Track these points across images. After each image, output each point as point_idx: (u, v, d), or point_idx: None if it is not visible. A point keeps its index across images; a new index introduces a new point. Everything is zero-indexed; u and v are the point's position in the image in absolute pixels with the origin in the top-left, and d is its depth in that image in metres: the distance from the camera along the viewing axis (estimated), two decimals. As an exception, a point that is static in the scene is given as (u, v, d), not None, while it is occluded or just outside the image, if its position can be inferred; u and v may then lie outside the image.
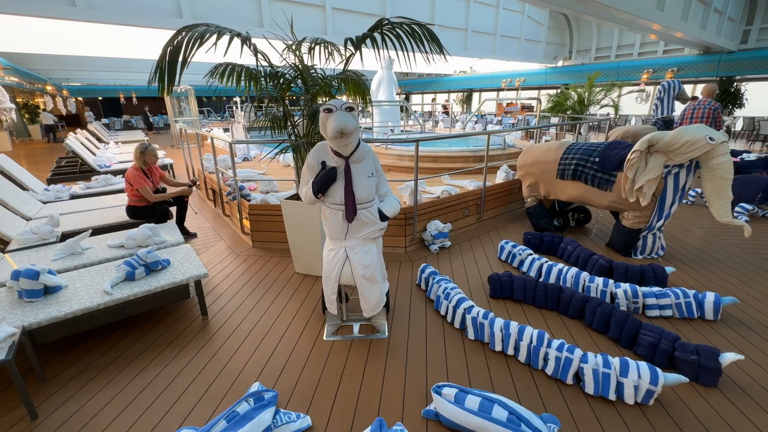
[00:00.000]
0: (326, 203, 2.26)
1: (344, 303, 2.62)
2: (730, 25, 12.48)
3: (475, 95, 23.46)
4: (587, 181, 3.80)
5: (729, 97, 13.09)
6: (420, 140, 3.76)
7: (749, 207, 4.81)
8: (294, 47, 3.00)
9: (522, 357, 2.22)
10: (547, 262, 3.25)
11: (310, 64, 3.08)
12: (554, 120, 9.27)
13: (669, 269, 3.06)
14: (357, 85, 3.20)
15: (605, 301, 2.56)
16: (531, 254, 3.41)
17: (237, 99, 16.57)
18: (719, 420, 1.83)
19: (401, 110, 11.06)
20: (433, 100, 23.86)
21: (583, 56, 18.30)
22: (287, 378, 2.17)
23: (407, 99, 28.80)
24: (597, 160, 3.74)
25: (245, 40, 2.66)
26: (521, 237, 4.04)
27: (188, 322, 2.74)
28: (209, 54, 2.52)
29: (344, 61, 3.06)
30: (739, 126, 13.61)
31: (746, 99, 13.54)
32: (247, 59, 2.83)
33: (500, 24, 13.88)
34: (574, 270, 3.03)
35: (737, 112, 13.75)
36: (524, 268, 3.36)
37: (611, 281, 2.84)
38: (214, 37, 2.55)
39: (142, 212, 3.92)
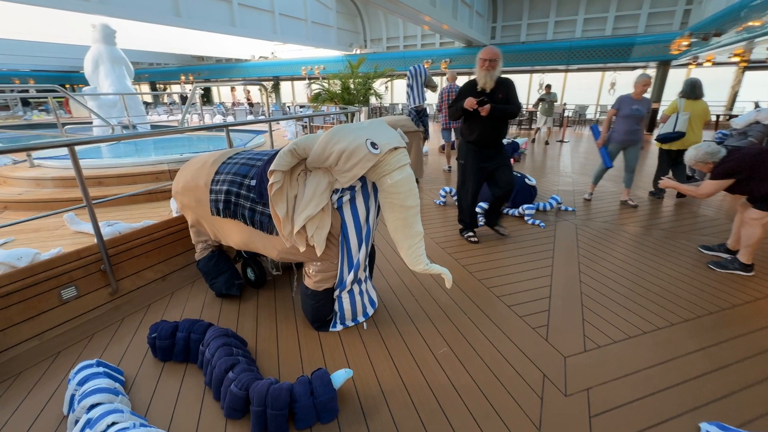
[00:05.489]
0: None
1: None
2: (480, 20, 14.01)
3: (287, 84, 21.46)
4: (246, 220, 2.25)
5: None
6: None
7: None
8: None
9: None
10: (104, 434, 1.49)
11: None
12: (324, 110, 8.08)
13: (340, 377, 1.74)
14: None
15: None
16: (88, 420, 1.59)
17: None
18: None
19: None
20: (233, 89, 20.59)
21: (377, 45, 18.47)
22: None
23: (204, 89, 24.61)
24: (253, 184, 2.20)
25: None
26: (196, 310, 2.22)
27: None
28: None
29: None
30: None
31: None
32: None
33: (277, 1, 12.02)
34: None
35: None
36: (64, 456, 1.54)
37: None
38: None
39: None
